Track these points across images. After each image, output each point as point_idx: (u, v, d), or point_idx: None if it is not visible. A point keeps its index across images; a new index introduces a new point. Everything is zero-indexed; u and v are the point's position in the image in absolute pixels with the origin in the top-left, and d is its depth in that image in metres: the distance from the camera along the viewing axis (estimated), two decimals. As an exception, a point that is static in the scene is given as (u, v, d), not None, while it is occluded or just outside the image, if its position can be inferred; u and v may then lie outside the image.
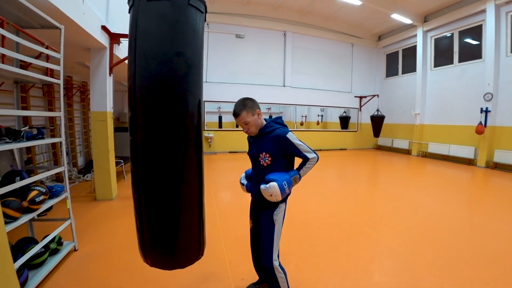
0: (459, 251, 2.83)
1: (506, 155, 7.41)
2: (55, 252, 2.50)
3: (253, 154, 1.78)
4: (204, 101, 10.14)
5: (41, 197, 2.14)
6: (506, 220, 3.75)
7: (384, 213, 4.00)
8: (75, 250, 2.75)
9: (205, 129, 10.35)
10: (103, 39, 3.85)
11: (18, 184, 1.96)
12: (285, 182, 1.58)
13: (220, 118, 11.56)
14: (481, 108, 7.95)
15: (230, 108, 10.99)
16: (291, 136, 1.65)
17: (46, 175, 2.39)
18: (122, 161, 5.63)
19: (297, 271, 2.39)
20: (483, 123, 7.81)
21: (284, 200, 1.72)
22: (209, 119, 10.86)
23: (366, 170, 7.91)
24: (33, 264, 2.19)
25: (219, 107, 11.57)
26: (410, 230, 3.36)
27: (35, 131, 2.39)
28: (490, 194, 5.38)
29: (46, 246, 2.33)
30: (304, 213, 3.92)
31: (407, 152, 10.98)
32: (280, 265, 1.75)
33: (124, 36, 4.10)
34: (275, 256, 1.72)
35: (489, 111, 7.79)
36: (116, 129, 5.23)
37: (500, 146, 7.67)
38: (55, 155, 5.25)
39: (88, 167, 5.90)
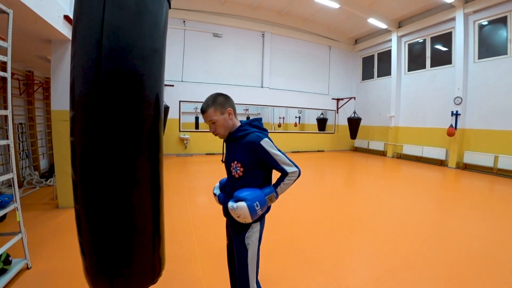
0: (431, 249, 2.87)
1: (474, 156, 7.79)
2: (2, 272, 2.15)
3: (225, 162, 1.54)
4: (180, 101, 9.78)
5: (-20, 211, 1.81)
6: (474, 218, 3.94)
7: (361, 215, 3.98)
8: (27, 268, 2.38)
9: (181, 130, 9.97)
10: (66, 30, 3.47)
11: None
12: (257, 202, 1.32)
13: (196, 119, 11.21)
14: (452, 111, 8.32)
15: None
16: (266, 143, 1.37)
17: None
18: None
19: (277, 279, 2.23)
20: (453, 125, 8.17)
21: (258, 219, 1.46)
22: (185, 119, 10.48)
23: (343, 171, 7.98)
24: (-29, 290, 1.85)
25: (196, 108, 11.22)
26: (386, 231, 3.35)
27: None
28: (460, 193, 5.58)
29: (-11, 267, 1.99)
30: (282, 216, 3.78)
31: (383, 153, 11.29)
32: None
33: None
34: (252, 284, 1.48)
35: (459, 114, 8.17)
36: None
37: (469, 147, 8.06)
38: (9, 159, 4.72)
39: (51, 171, 5.39)
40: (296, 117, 13.53)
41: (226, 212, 1.51)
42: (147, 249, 1.19)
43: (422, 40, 9.83)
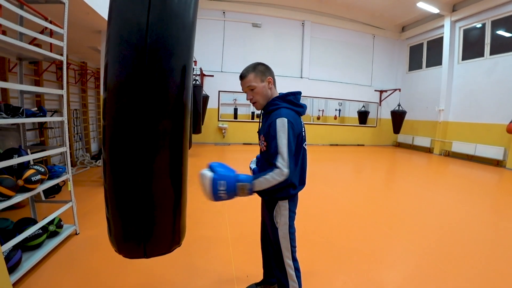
0: (482, 256, 2.57)
1: (540, 156, 6.79)
2: (54, 234, 2.45)
3: (258, 135, 1.49)
4: (219, 91, 10.05)
5: (38, 177, 2.07)
6: None
7: (402, 213, 3.72)
8: (76, 234, 2.69)
9: (219, 119, 10.26)
10: (114, 21, 3.77)
11: (14, 161, 1.90)
12: (223, 182, 1.19)
13: (235, 110, 11.45)
14: (514, 105, 7.32)
15: (246, 100, 10.88)
16: (280, 122, 1.26)
17: (45, 154, 2.33)
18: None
19: (310, 271, 2.19)
20: (515, 121, 7.19)
21: (285, 196, 1.39)
22: (224, 110, 10.76)
23: (384, 168, 7.54)
24: (29, 246, 2.14)
25: (235, 99, 11.44)
26: (430, 233, 3.08)
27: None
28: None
29: (44, 228, 2.27)
30: (318, 209, 3.71)
31: (429, 150, 10.42)
32: (296, 271, 1.46)
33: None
34: (287, 262, 1.43)
35: (523, 108, 7.16)
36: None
37: (534, 146, 7.05)
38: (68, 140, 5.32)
39: (100, 154, 5.96)
40: (336, 109, 13.07)
41: None
42: (166, 218, 1.22)
43: (480, 25, 8.73)
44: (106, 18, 3.41)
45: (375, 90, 12.07)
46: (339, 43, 11.34)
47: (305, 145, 1.47)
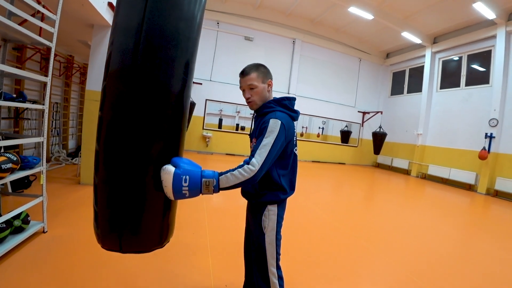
0: (454, 269, 2.68)
1: (508, 183, 7.21)
2: (19, 230, 2.25)
3: (250, 138, 1.45)
4: (206, 99, 10.02)
5: (9, 165, 1.93)
6: (503, 247, 3.55)
7: (381, 229, 3.78)
8: (43, 232, 2.49)
9: (204, 127, 10.18)
10: (108, 16, 3.70)
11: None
12: (186, 177, 1.06)
13: (220, 120, 11.43)
14: (486, 133, 7.80)
15: (232, 111, 10.67)
16: (274, 123, 1.23)
17: (19, 142, 2.18)
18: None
19: (288, 283, 2.14)
20: (486, 148, 7.65)
21: (274, 200, 1.35)
22: (209, 120, 10.69)
23: (364, 186, 7.70)
24: (-11, 240, 1.96)
25: (221, 110, 11.43)
26: (407, 248, 3.14)
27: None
28: (489, 221, 5.17)
29: (8, 222, 2.10)
30: (298, 221, 3.67)
31: (406, 172, 10.79)
32: (279, 279, 1.40)
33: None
34: (271, 269, 1.37)
35: (494, 137, 7.65)
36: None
37: (503, 174, 7.48)
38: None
39: (77, 151, 5.69)
40: (319, 127, 13.34)
41: (243, 191, 1.46)
42: (157, 213, 1.18)
43: (457, 58, 9.41)
44: (101, 12, 3.33)
45: (358, 111, 12.50)
46: (327, 63, 11.75)
47: (296, 150, 1.44)
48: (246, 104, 1.43)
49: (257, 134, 1.32)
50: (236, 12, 10.06)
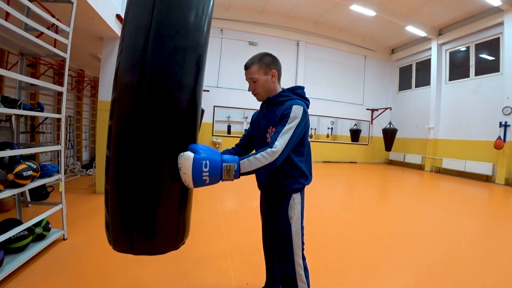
0: (479, 262, 2.57)
1: (527, 172, 6.98)
2: (40, 238, 2.31)
3: (261, 130, 1.42)
4: (214, 106, 10.13)
5: (30, 172, 1.99)
6: None
7: (400, 225, 3.69)
8: (64, 239, 2.55)
9: (214, 134, 10.27)
10: (117, 29, 3.82)
11: (6, 153, 1.83)
12: (206, 162, 1.03)
13: (229, 127, 11.54)
14: (500, 122, 7.59)
15: (239, 117, 10.70)
16: (297, 109, 1.23)
17: (39, 150, 2.26)
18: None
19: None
20: (502, 137, 7.43)
21: (298, 188, 1.36)
22: (217, 127, 10.79)
23: (377, 184, 7.55)
24: (13, 248, 2.00)
25: (228, 117, 11.52)
26: (427, 243, 3.04)
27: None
28: (510, 212, 4.96)
29: (30, 230, 2.15)
30: (316, 219, 3.63)
31: (420, 167, 10.57)
32: (305, 270, 1.38)
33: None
34: (298, 261, 1.35)
35: (508, 125, 7.43)
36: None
37: (521, 162, 7.25)
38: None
39: (92, 163, 5.83)
40: (328, 128, 13.26)
41: (263, 185, 1.46)
42: (171, 211, 1.15)
43: (465, 48, 9.24)
44: (110, 24, 3.44)
45: (367, 109, 12.37)
46: (332, 63, 11.73)
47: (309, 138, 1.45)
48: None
49: (277, 120, 1.30)
50: (239, 18, 10.19)
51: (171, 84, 1.08)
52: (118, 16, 3.75)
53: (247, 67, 1.38)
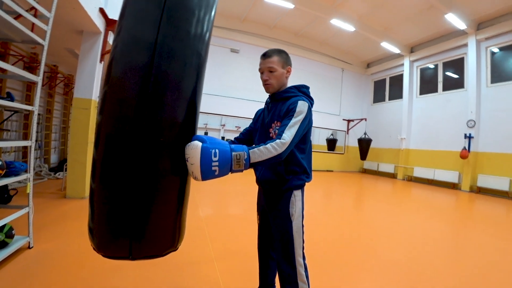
0: (443, 262, 2.68)
1: (488, 179, 7.56)
2: (2, 245, 2.04)
3: (264, 126, 1.42)
4: (193, 110, 9.90)
5: (-4, 169, 1.77)
6: (490, 236, 3.68)
7: (372, 230, 3.72)
8: (29, 247, 2.27)
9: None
10: (99, 23, 3.62)
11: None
12: (216, 150, 0.97)
13: (206, 133, 11.28)
14: (465, 134, 8.21)
15: (217, 124, 10.43)
16: (302, 104, 1.24)
17: (5, 145, 2.02)
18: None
19: None
20: (467, 148, 8.01)
21: (299, 185, 1.34)
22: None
23: (352, 191, 7.74)
24: (-30, 255, 1.76)
25: (206, 124, 11.28)
26: (399, 245, 3.13)
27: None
28: (474, 216, 5.33)
29: (-10, 236, 1.90)
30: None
31: (393, 176, 11.05)
32: (305, 270, 1.34)
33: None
34: (299, 260, 1.31)
35: (472, 137, 8.06)
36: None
37: (483, 171, 7.84)
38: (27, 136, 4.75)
39: (61, 166, 5.39)
40: (305, 137, 13.50)
41: (264, 180, 1.40)
42: (169, 209, 1.08)
43: (433, 66, 9.97)
44: (92, 17, 3.27)
45: (343, 119, 12.81)
46: (311, 74, 12.05)
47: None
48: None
49: (282, 115, 1.30)
50: (222, 25, 10.20)
51: (179, 69, 1.04)
52: (101, 10, 3.56)
53: (267, 55, 1.36)
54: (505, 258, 2.89)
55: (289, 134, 1.16)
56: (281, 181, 1.33)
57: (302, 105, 1.26)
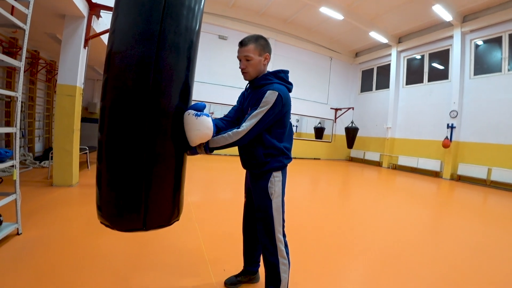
0: (425, 245, 2.86)
1: (468, 168, 7.92)
2: (-10, 232, 2.05)
3: (244, 110, 1.50)
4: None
5: (-18, 156, 1.76)
6: (466, 226, 3.76)
7: (357, 217, 3.88)
8: (18, 233, 2.28)
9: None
10: (82, 6, 3.50)
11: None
12: (193, 111, 1.23)
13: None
14: (447, 124, 8.50)
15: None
16: (271, 94, 1.29)
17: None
18: (87, 149, 5.09)
19: None
20: (449, 138, 8.33)
21: (279, 166, 1.42)
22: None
23: (339, 179, 7.95)
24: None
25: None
26: (382, 230, 3.28)
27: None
28: (454, 203, 5.60)
29: (-22, 223, 1.90)
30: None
31: (378, 164, 11.38)
32: (286, 247, 1.45)
33: (106, 8, 3.78)
34: (278, 236, 1.41)
35: (454, 127, 8.36)
36: (84, 120, 4.78)
37: (464, 160, 8.20)
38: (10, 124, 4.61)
39: (46, 154, 5.29)
40: (293, 125, 13.62)
41: (246, 163, 1.50)
42: (171, 185, 1.26)
43: (420, 56, 10.15)
44: (75, 1, 3.15)
45: (331, 108, 12.95)
46: (300, 62, 12.04)
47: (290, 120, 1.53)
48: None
49: (252, 104, 1.37)
50: (209, 11, 9.97)
51: (182, 58, 1.25)
52: (84, -7, 3.45)
53: (243, 44, 1.39)
54: (484, 240, 3.13)
55: (247, 124, 1.30)
56: (261, 163, 1.41)
57: (269, 95, 1.30)
